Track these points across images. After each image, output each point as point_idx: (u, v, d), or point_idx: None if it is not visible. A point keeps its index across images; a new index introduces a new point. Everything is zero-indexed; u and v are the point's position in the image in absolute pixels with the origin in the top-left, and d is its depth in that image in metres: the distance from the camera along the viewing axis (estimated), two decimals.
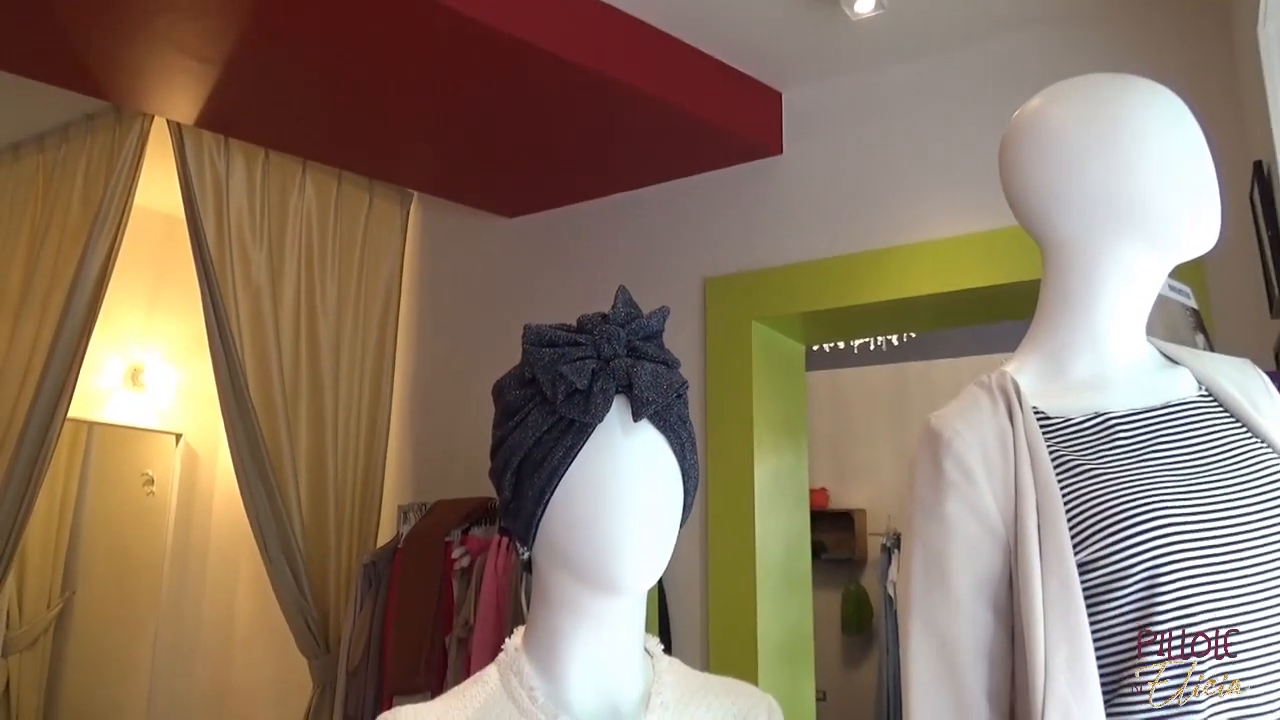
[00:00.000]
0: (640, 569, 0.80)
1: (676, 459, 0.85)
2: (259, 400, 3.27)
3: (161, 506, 4.04)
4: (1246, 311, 2.16)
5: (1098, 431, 0.97)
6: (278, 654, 3.69)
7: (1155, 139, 0.98)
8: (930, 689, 0.94)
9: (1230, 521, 0.90)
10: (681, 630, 2.85)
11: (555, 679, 0.84)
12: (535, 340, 0.83)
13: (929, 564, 0.96)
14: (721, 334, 2.96)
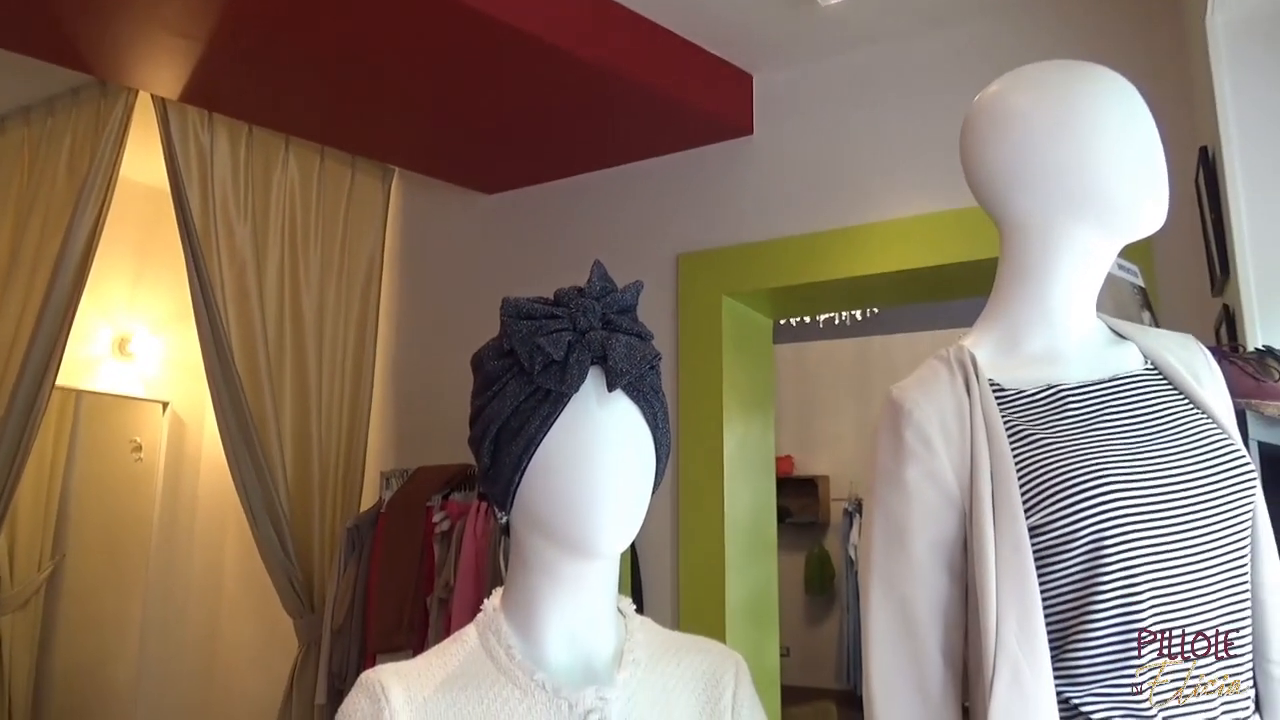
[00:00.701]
0: (614, 533, 0.81)
1: (649, 428, 0.86)
2: (244, 369, 3.34)
3: (149, 472, 4.09)
4: (1190, 290, 2.25)
5: (1049, 402, 1.00)
6: (264, 614, 3.78)
7: (1111, 126, 1.00)
8: (889, 646, 0.98)
9: (1172, 489, 0.94)
10: (653, 591, 2.96)
11: (532, 638, 0.85)
12: (513, 313, 0.84)
13: (889, 529, 0.99)
14: (693, 308, 3.06)
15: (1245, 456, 0.99)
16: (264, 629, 3.87)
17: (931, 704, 0.97)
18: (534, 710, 0.81)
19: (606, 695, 0.82)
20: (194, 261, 3.23)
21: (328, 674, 3.22)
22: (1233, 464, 0.98)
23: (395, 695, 0.80)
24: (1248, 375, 1.42)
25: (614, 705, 0.83)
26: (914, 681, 0.98)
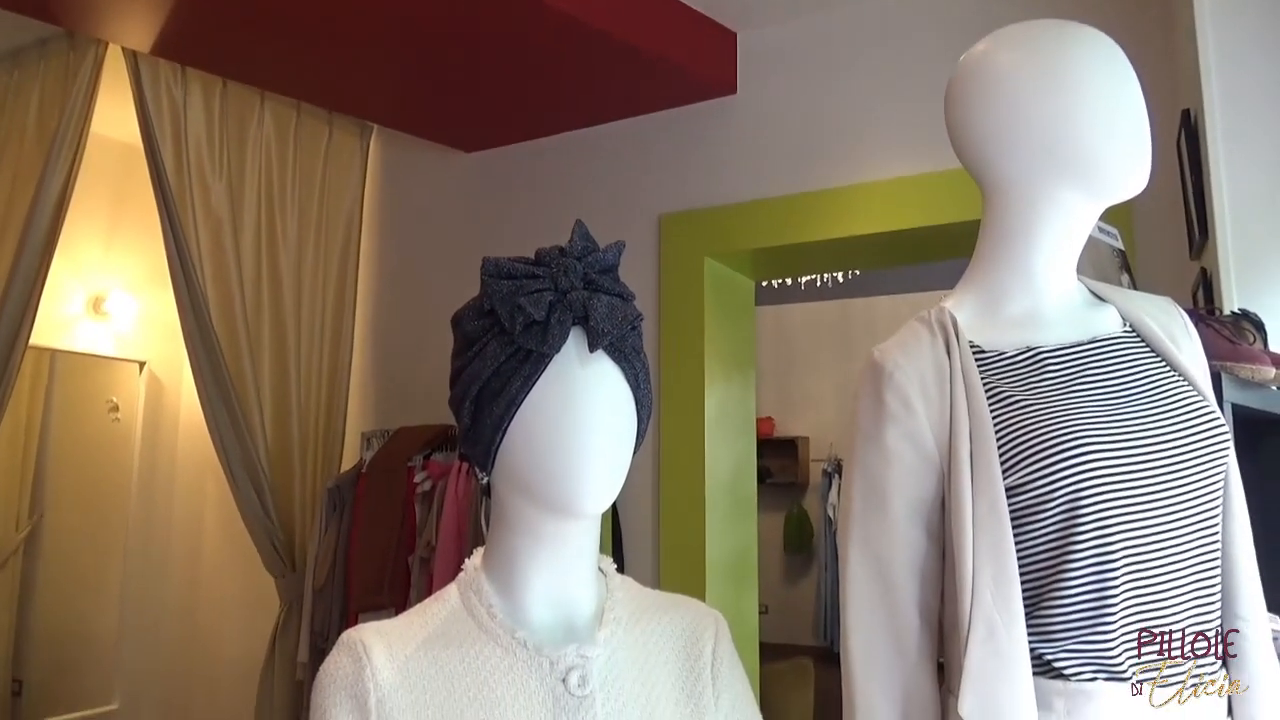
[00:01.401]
0: (594, 493, 0.81)
1: (630, 388, 0.86)
2: (221, 329, 3.31)
3: (127, 432, 4.06)
4: (1169, 253, 2.26)
5: (1028, 364, 1.02)
6: (245, 573, 3.79)
7: (1096, 88, 1.00)
8: (866, 604, 1.01)
9: (1148, 450, 0.95)
10: (634, 550, 2.99)
11: (513, 597, 0.86)
12: (494, 272, 0.83)
13: (868, 488, 1.01)
14: (675, 269, 3.06)
15: (1219, 419, 1.01)
16: (245, 588, 3.88)
17: (907, 660, 0.99)
18: (515, 668, 0.82)
19: (587, 653, 0.83)
20: (169, 220, 3.18)
21: (310, 632, 3.24)
22: (1207, 426, 0.99)
23: (377, 654, 0.80)
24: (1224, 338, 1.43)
25: (595, 663, 0.83)
26: (890, 638, 1.00)
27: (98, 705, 3.95)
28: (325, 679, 0.80)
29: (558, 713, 0.80)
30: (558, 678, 0.82)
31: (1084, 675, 0.93)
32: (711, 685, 0.88)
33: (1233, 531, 1.01)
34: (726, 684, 0.89)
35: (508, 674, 0.81)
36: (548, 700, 0.81)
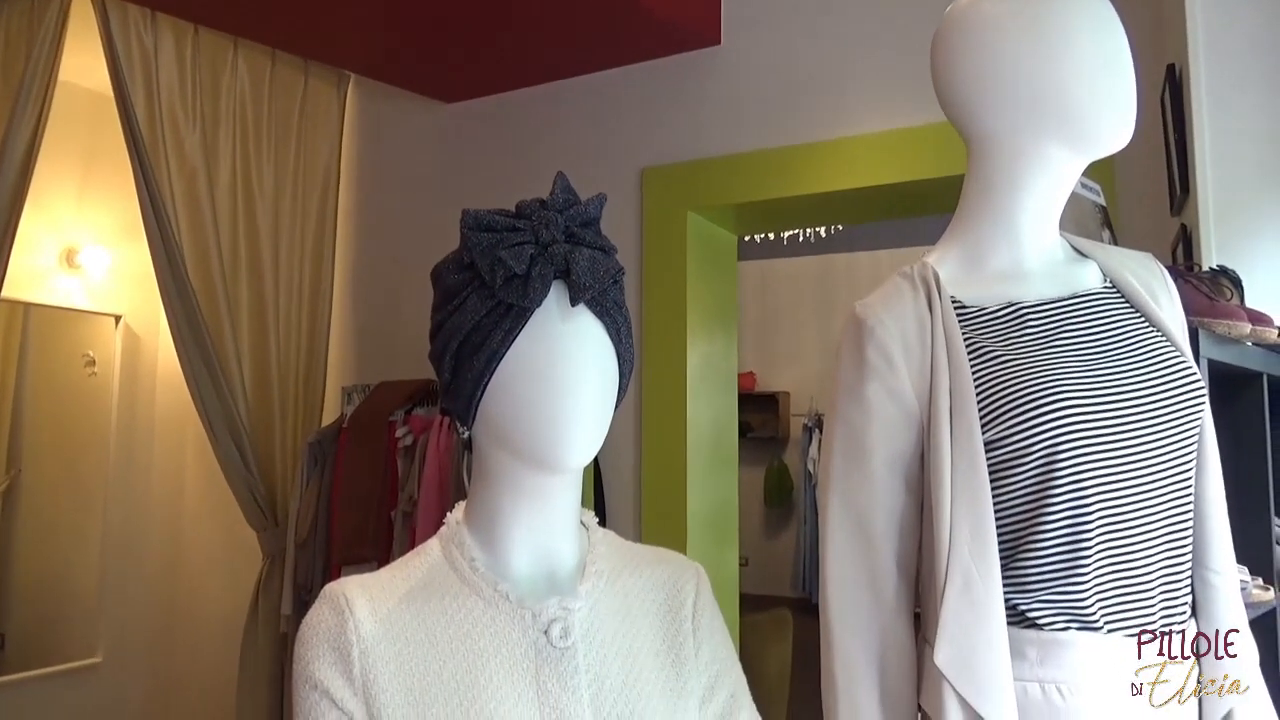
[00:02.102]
0: (576, 448, 0.81)
1: (612, 343, 0.85)
2: (198, 282, 3.27)
3: (104, 387, 4.02)
4: (1150, 209, 2.26)
5: (1010, 320, 1.02)
6: (227, 527, 3.79)
7: (1082, 41, 1.00)
8: (846, 556, 1.02)
9: (1125, 405, 0.96)
10: (616, 504, 3.01)
11: (495, 550, 0.86)
12: (473, 225, 0.82)
13: (849, 442, 1.02)
14: (657, 223, 3.04)
15: (1196, 375, 1.02)
16: (227, 541, 3.89)
17: (885, 611, 1.01)
18: (497, 620, 0.82)
19: (569, 605, 0.84)
20: (142, 170, 3.12)
21: (293, 585, 3.26)
22: (1183, 381, 1.00)
23: (359, 607, 0.80)
24: (1202, 294, 1.45)
25: (577, 615, 0.84)
26: (869, 589, 1.01)
27: (81, 658, 3.97)
28: (308, 631, 0.80)
29: (540, 664, 0.81)
30: (540, 629, 0.82)
31: (1057, 625, 0.94)
32: (692, 636, 0.89)
33: (1206, 485, 1.03)
34: (707, 635, 0.90)
35: (490, 626, 0.82)
36: (530, 652, 0.82)
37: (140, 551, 4.15)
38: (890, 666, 1.01)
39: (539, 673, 0.81)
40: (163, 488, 4.19)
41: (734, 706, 0.89)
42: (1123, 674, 0.94)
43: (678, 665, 0.87)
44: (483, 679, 0.80)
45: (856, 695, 1.01)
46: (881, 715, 1.00)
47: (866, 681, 1.00)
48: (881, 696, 1.00)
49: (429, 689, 0.79)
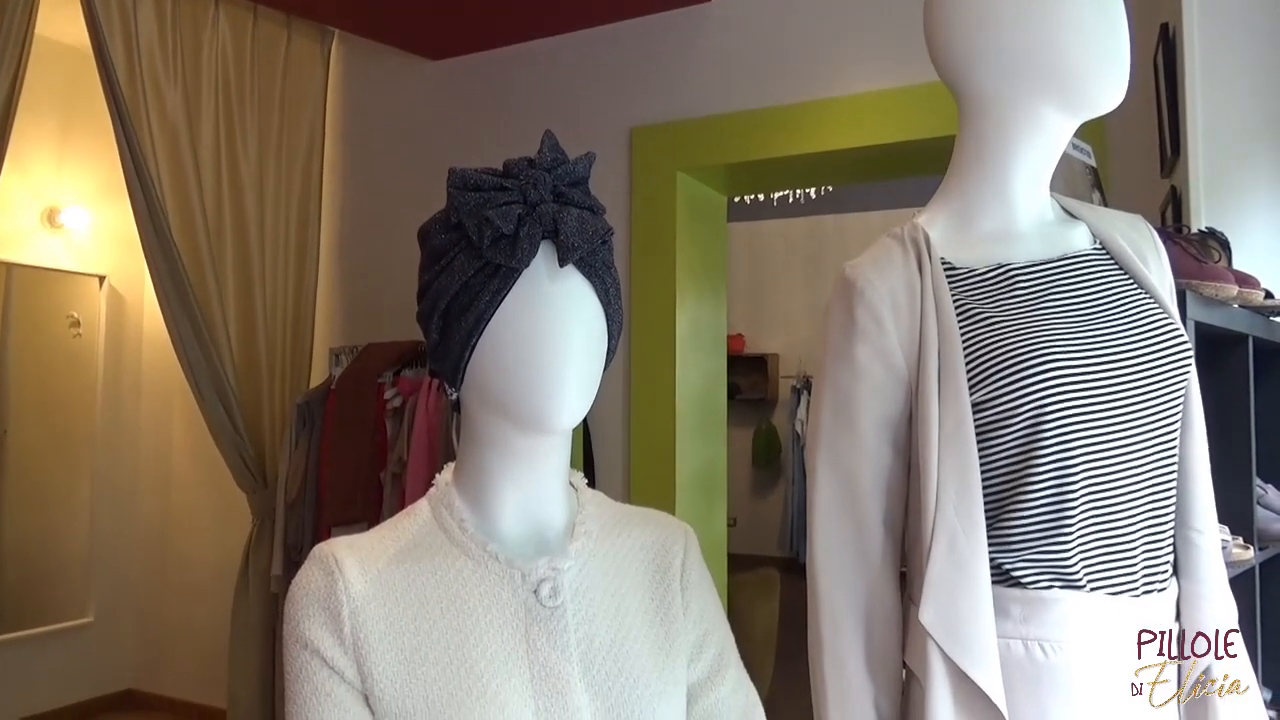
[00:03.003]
0: (565, 409, 0.80)
1: (601, 304, 0.84)
2: (182, 243, 3.24)
3: (89, 348, 4.00)
4: (1140, 171, 2.27)
5: (999, 282, 1.01)
6: (216, 488, 3.80)
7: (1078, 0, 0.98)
8: (833, 516, 1.02)
9: (1112, 367, 0.96)
10: (605, 465, 3.03)
11: (484, 511, 0.85)
12: (460, 184, 0.80)
13: (838, 404, 1.01)
14: (646, 183, 3.01)
15: (1184, 337, 1.02)
16: (216, 503, 3.90)
17: (871, 570, 1.02)
18: (487, 580, 0.83)
19: (559, 565, 0.84)
20: (123, 129, 3.07)
21: (283, 546, 3.27)
22: (1171, 343, 1.00)
23: (349, 567, 0.81)
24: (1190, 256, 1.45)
25: (566, 575, 0.85)
26: (855, 549, 1.02)
27: (72, 618, 3.99)
28: (298, 592, 0.80)
29: (529, 623, 0.82)
30: (529, 589, 0.83)
31: (1041, 584, 0.96)
32: (680, 595, 0.90)
33: (1190, 446, 1.04)
34: (695, 594, 0.91)
35: (480, 586, 0.82)
36: (520, 611, 0.82)
37: (129, 513, 4.15)
38: (876, 625, 1.02)
39: (529, 632, 0.81)
40: (150, 449, 4.18)
41: (721, 664, 0.90)
42: (1105, 631, 0.95)
43: (666, 624, 0.88)
44: (473, 638, 0.80)
45: (842, 653, 1.02)
46: (867, 673, 1.01)
47: (852, 640, 1.02)
48: (867, 654, 1.01)
49: (419, 648, 0.79)
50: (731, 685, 0.90)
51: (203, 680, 3.92)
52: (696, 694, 0.88)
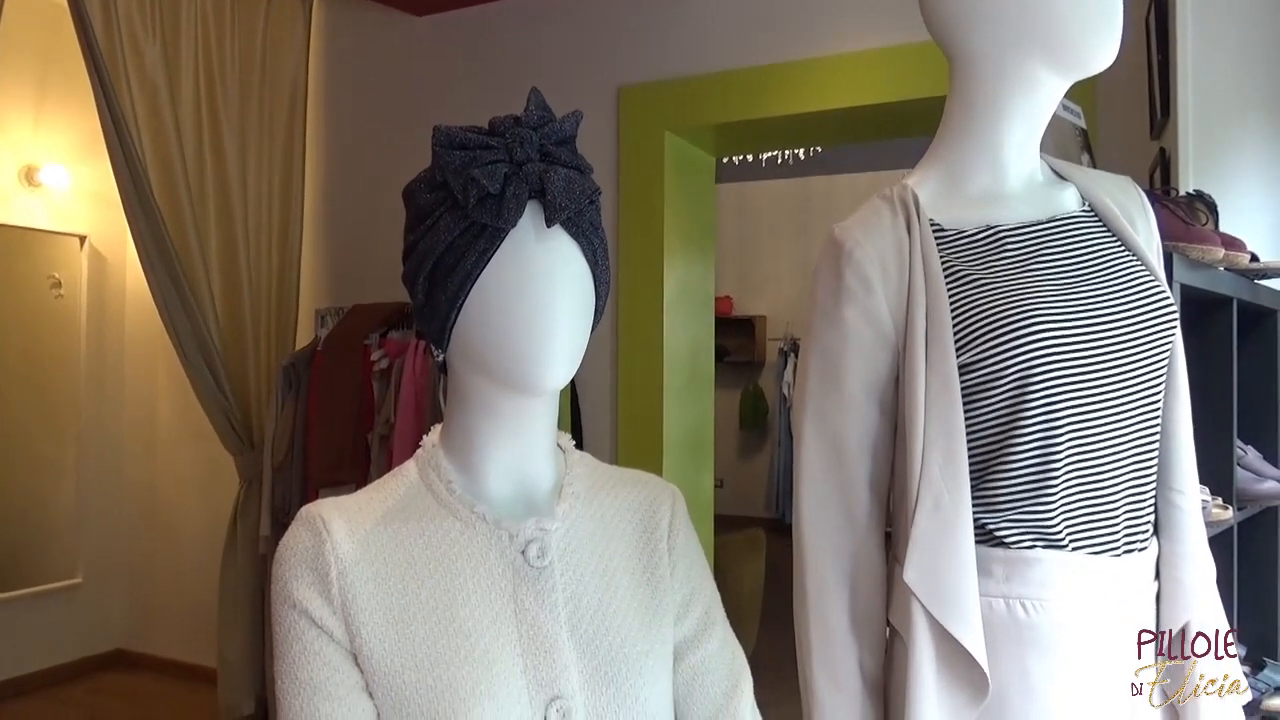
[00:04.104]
0: (552, 371, 0.79)
1: (589, 265, 0.83)
2: (163, 202, 3.19)
3: (71, 309, 3.96)
4: (1130, 133, 2.26)
5: (987, 243, 1.01)
6: (203, 450, 3.79)
7: None
8: (820, 477, 1.03)
9: (1098, 329, 0.96)
10: (592, 427, 3.04)
11: (472, 473, 0.85)
12: (445, 142, 0.79)
13: (825, 366, 1.02)
14: (634, 144, 2.99)
15: (1169, 299, 1.02)
16: (203, 464, 3.89)
17: (857, 530, 1.03)
18: (475, 541, 0.83)
19: (546, 526, 0.84)
20: (101, 86, 3.01)
21: (271, 508, 3.27)
22: (1157, 306, 1.01)
23: (336, 528, 0.81)
24: (1178, 219, 1.45)
25: (554, 536, 0.85)
26: (841, 509, 1.03)
27: (61, 579, 3.99)
28: (285, 553, 0.80)
29: (517, 583, 0.82)
30: (517, 550, 0.83)
31: (1024, 544, 0.97)
32: (667, 556, 0.90)
33: (1174, 408, 1.04)
34: (682, 554, 0.91)
35: (467, 547, 0.83)
36: (507, 572, 0.82)
37: (116, 474, 4.14)
38: (861, 585, 1.03)
39: (516, 592, 0.82)
40: (136, 411, 4.17)
41: (708, 623, 0.91)
42: (1085, 590, 0.97)
43: (653, 584, 0.88)
44: (460, 598, 0.81)
45: (827, 612, 1.03)
46: (851, 631, 1.03)
47: (837, 599, 1.03)
48: (852, 613, 1.03)
49: (408, 608, 0.80)
50: (718, 643, 0.91)
51: (192, 640, 3.95)
52: (683, 652, 0.89)
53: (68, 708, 3.73)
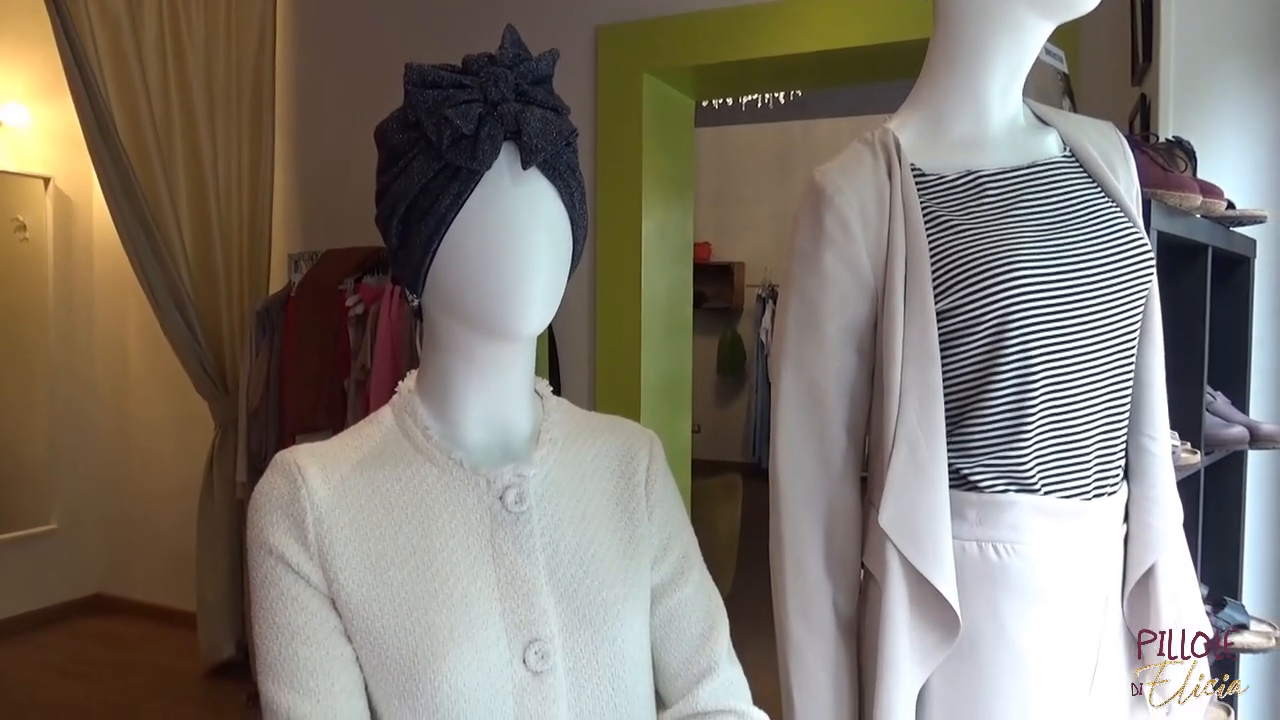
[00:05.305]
0: (529, 316, 0.78)
1: (565, 208, 0.82)
2: (129, 143, 3.12)
3: (37, 253, 3.88)
4: (1111, 78, 2.25)
5: (968, 188, 1.01)
6: (177, 396, 3.76)
7: None
8: (797, 422, 1.03)
9: (1076, 277, 0.96)
10: (570, 373, 3.03)
11: (448, 419, 0.84)
12: (418, 81, 0.77)
13: (803, 311, 1.02)
14: (612, 85, 2.94)
15: (1147, 246, 1.03)
16: (177, 410, 3.87)
17: (833, 474, 1.04)
18: (452, 487, 0.83)
19: (524, 472, 0.84)
20: (61, 21, 2.92)
21: (246, 453, 3.26)
22: (1135, 255, 1.01)
23: (312, 474, 0.80)
24: (1157, 165, 1.45)
25: (531, 481, 0.85)
26: (818, 455, 1.04)
27: (35, 525, 3.98)
28: (260, 499, 0.80)
29: (495, 529, 0.82)
30: (495, 496, 0.83)
31: (997, 488, 0.98)
32: (645, 501, 0.91)
33: (1148, 354, 1.05)
34: (659, 499, 0.92)
35: (445, 493, 0.82)
36: (485, 517, 0.83)
37: (88, 420, 4.11)
38: (836, 528, 1.04)
39: (494, 537, 0.82)
40: (107, 356, 4.12)
41: (685, 566, 0.92)
42: (1055, 533, 0.98)
43: (631, 528, 0.89)
44: (438, 543, 0.81)
45: (803, 555, 1.04)
46: (826, 573, 1.04)
47: (813, 542, 1.04)
48: (827, 556, 1.04)
49: (385, 553, 0.80)
50: (694, 586, 0.92)
51: (171, 583, 3.96)
52: (660, 595, 0.90)
53: (48, 651, 3.74)
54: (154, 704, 3.27)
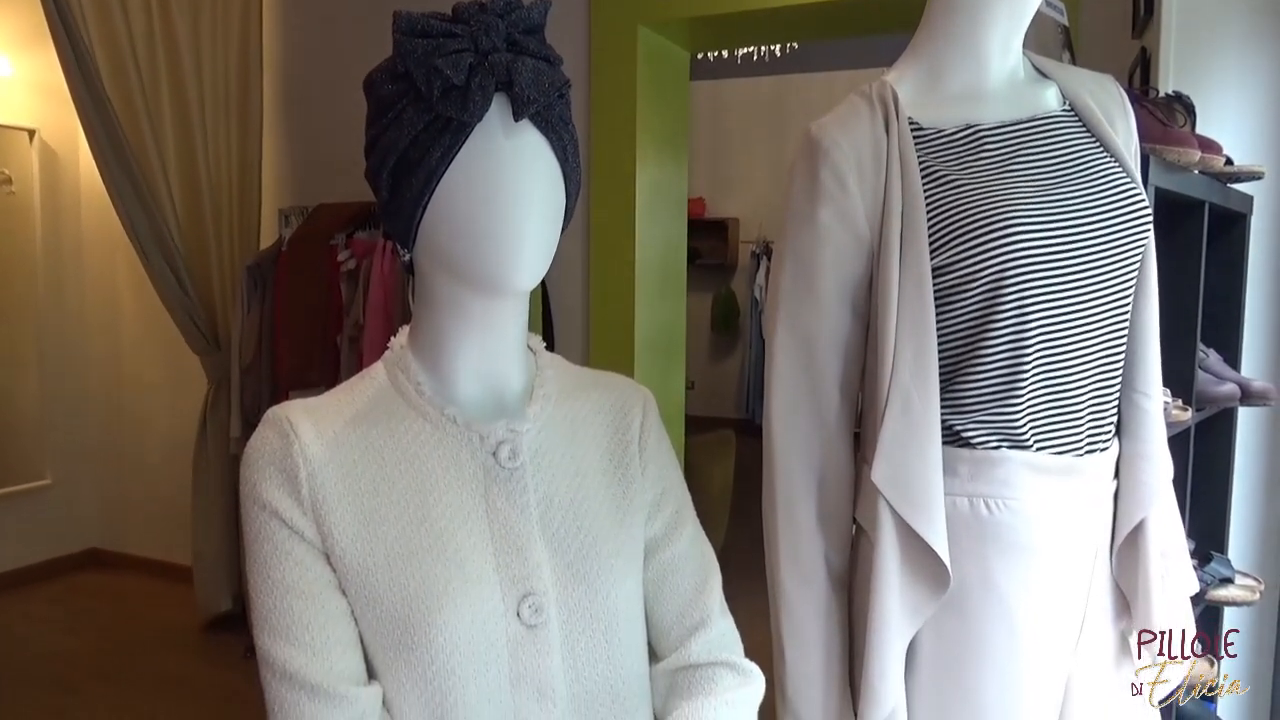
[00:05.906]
0: (521, 271, 0.78)
1: (558, 161, 0.81)
2: (115, 95, 3.07)
3: (24, 207, 3.83)
4: (1112, 30, 2.23)
5: (966, 142, 1.01)
6: (169, 352, 3.75)
7: None
8: (791, 378, 1.04)
9: (1073, 232, 0.96)
10: (564, 328, 3.02)
11: (441, 375, 0.84)
12: (407, 29, 0.75)
13: (799, 267, 1.02)
14: (606, 37, 2.89)
15: (1145, 202, 1.02)
16: (169, 365, 3.86)
17: (826, 431, 1.04)
18: (445, 443, 0.83)
19: (517, 428, 0.84)
20: None
21: (241, 409, 3.26)
22: (1132, 209, 1.01)
23: (304, 430, 0.80)
24: (1156, 120, 1.43)
25: (525, 437, 0.85)
26: (811, 411, 1.04)
27: (30, 480, 3.98)
28: (253, 454, 0.80)
29: (489, 484, 0.82)
30: (488, 451, 0.83)
31: (989, 444, 0.98)
32: (639, 456, 0.91)
33: (1143, 310, 1.05)
34: (653, 455, 0.92)
35: (438, 448, 0.82)
36: (478, 473, 0.82)
37: (80, 376, 4.10)
38: (829, 484, 1.05)
39: (488, 492, 0.82)
40: (97, 312, 4.09)
41: (678, 521, 0.92)
42: (1046, 488, 0.99)
43: (624, 484, 0.89)
44: (432, 499, 0.81)
45: (795, 511, 1.05)
46: (818, 528, 1.05)
47: (805, 498, 1.05)
48: (819, 510, 1.05)
49: (379, 509, 0.80)
50: (687, 541, 0.92)
51: (166, 538, 3.98)
52: (653, 550, 0.90)
53: (45, 606, 3.77)
54: (151, 657, 3.31)
